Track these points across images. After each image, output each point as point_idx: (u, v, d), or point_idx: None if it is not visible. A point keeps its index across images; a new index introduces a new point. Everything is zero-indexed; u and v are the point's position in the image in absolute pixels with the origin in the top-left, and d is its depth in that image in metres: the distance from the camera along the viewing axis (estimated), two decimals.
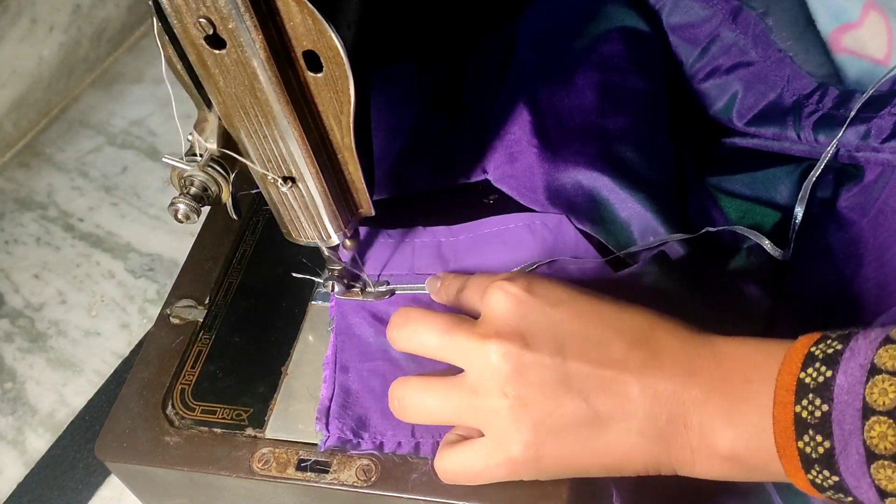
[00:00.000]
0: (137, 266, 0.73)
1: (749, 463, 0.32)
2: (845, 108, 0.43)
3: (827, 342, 0.31)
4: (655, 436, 0.33)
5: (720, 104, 0.49)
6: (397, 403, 0.37)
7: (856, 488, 0.29)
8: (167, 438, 0.42)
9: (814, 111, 0.44)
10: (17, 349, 0.68)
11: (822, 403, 0.30)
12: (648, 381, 0.33)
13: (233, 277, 0.49)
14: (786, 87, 0.46)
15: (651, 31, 0.50)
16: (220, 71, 0.32)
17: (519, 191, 0.46)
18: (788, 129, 0.45)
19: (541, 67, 0.50)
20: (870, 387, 0.29)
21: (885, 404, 0.28)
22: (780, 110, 0.46)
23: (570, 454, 0.34)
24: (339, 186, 0.38)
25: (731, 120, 0.48)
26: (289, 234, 0.41)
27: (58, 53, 0.87)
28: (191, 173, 0.36)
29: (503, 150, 0.47)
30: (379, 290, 0.45)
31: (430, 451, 0.39)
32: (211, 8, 0.29)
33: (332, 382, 0.41)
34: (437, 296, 0.43)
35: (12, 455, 0.61)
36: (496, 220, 0.46)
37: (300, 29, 0.31)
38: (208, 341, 0.46)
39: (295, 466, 0.40)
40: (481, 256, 0.45)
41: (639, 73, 0.48)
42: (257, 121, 0.34)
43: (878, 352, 0.30)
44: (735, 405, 0.32)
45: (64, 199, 0.80)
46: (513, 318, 0.34)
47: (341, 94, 0.33)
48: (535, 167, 0.45)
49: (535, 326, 0.34)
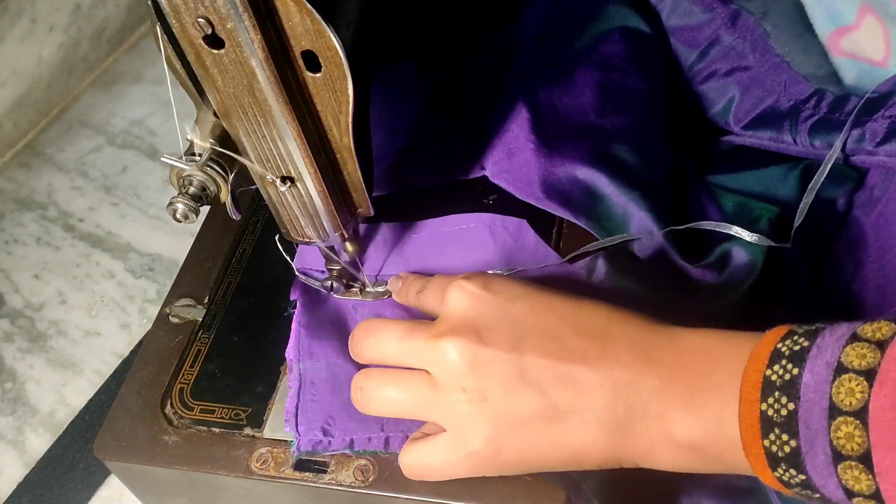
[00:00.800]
0: (137, 266, 0.73)
1: (709, 453, 0.32)
2: (840, 111, 0.43)
3: (794, 338, 0.31)
4: (614, 426, 0.33)
5: (718, 107, 0.49)
6: (360, 395, 0.38)
7: (823, 487, 0.29)
8: (166, 438, 0.42)
9: (810, 115, 0.45)
10: (17, 349, 0.68)
11: (788, 402, 0.30)
12: (605, 372, 0.33)
13: (232, 277, 0.49)
14: (783, 93, 0.46)
15: (652, 32, 0.50)
16: (218, 71, 0.32)
17: (515, 185, 0.46)
18: (785, 133, 0.46)
19: (541, 66, 0.50)
20: (836, 386, 0.29)
21: (852, 405, 0.28)
22: (777, 115, 0.46)
23: (530, 448, 0.34)
24: (337, 186, 0.38)
25: (728, 123, 0.48)
26: (288, 233, 0.41)
27: (58, 53, 0.87)
28: (189, 173, 0.36)
29: (501, 147, 0.47)
30: (377, 290, 0.45)
31: (398, 446, 0.39)
32: (209, 8, 0.29)
33: (298, 376, 0.42)
34: (398, 296, 0.43)
35: (12, 455, 0.62)
36: (456, 218, 0.46)
37: (299, 29, 0.31)
38: (207, 340, 0.46)
39: (293, 466, 0.40)
40: (443, 256, 0.45)
41: (638, 73, 0.48)
42: (256, 121, 0.34)
43: (845, 349, 0.29)
44: (696, 395, 0.32)
45: (64, 199, 0.80)
46: (469, 314, 0.35)
47: (340, 95, 0.33)
48: (532, 162, 0.45)
49: (491, 322, 0.34)
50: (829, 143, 0.43)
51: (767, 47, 0.46)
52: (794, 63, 0.46)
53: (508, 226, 0.45)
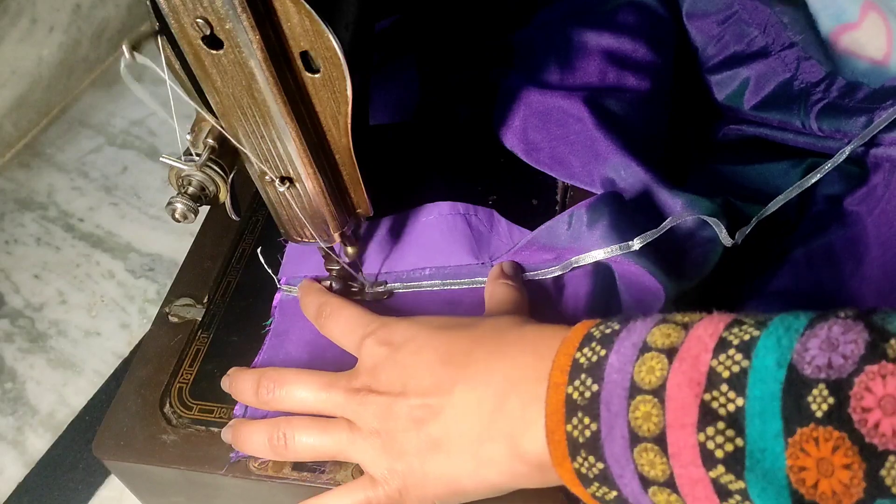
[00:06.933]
0: (137, 266, 0.73)
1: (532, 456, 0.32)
2: (851, 98, 0.43)
3: (608, 323, 0.31)
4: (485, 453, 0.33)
5: (730, 90, 0.49)
6: (282, 441, 0.38)
7: (620, 477, 0.29)
8: (164, 437, 0.42)
9: (820, 99, 0.45)
10: (18, 349, 0.68)
11: (592, 383, 0.29)
12: (460, 397, 0.34)
13: (231, 276, 0.49)
14: (794, 76, 0.46)
15: (667, 15, 0.51)
16: (217, 71, 0.32)
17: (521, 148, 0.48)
18: (794, 117, 0.46)
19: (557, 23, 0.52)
20: (639, 364, 0.28)
21: (651, 382, 0.27)
22: (788, 97, 0.46)
23: (433, 484, 0.35)
24: (337, 186, 0.38)
25: (741, 105, 0.49)
26: (287, 234, 0.41)
27: (58, 53, 0.87)
28: (188, 173, 0.36)
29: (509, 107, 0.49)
30: (377, 290, 0.45)
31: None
32: (208, 8, 0.29)
33: None
34: (301, 304, 0.45)
35: (12, 455, 0.62)
36: (432, 207, 0.47)
37: (297, 29, 0.31)
38: (206, 340, 0.46)
39: (291, 466, 0.40)
40: (424, 248, 0.46)
41: (650, 47, 0.49)
42: (255, 121, 0.34)
43: (652, 329, 0.29)
44: (530, 404, 0.32)
45: (64, 200, 0.80)
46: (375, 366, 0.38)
47: (339, 95, 0.33)
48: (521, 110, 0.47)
49: (389, 372, 0.37)
50: (836, 128, 0.43)
51: (783, 36, 0.47)
52: (808, 48, 0.46)
53: (481, 216, 0.46)
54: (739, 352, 0.26)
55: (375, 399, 0.36)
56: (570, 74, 0.49)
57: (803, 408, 0.24)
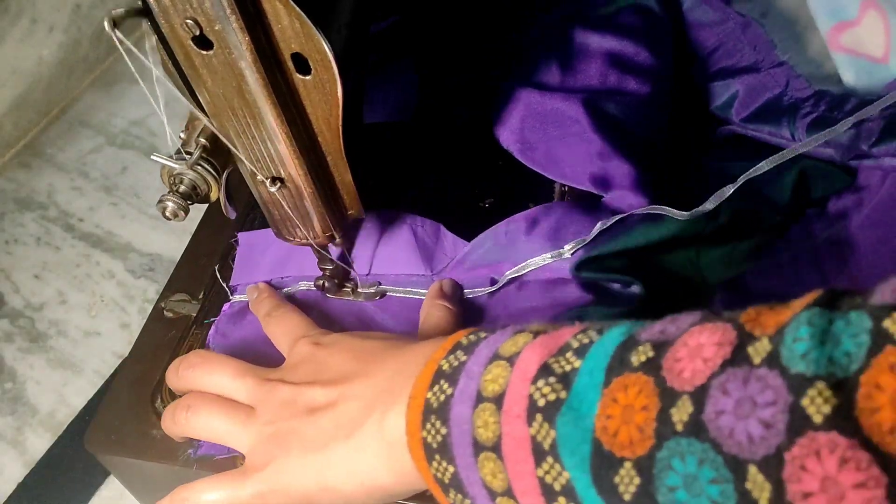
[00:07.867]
0: (137, 266, 0.73)
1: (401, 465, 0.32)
2: (839, 110, 0.44)
3: (478, 333, 0.31)
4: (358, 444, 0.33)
5: (720, 101, 0.50)
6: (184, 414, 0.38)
7: (470, 485, 0.29)
8: (155, 432, 0.42)
9: (808, 113, 0.45)
10: (17, 349, 0.68)
11: (448, 387, 0.29)
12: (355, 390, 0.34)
13: (226, 273, 0.49)
14: (784, 92, 0.47)
15: (667, 17, 0.51)
16: (208, 71, 0.32)
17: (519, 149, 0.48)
18: (783, 128, 0.46)
19: (556, 22, 0.52)
20: (486, 372, 0.28)
21: (493, 391, 0.28)
22: (777, 110, 0.47)
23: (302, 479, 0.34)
24: (328, 188, 0.38)
25: (730, 117, 0.49)
26: (279, 233, 0.41)
27: (58, 53, 0.87)
28: (180, 171, 0.36)
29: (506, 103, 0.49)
30: (369, 290, 0.45)
31: None
32: (198, 9, 0.29)
33: None
34: (251, 305, 0.45)
35: (12, 455, 0.62)
36: (386, 215, 0.47)
37: (288, 32, 0.31)
38: (200, 336, 0.46)
39: None
40: (378, 258, 0.46)
41: (650, 50, 0.49)
42: (245, 121, 0.34)
43: (509, 339, 0.29)
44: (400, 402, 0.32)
45: (64, 199, 0.80)
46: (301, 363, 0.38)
47: (330, 97, 0.33)
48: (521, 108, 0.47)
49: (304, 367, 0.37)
50: (823, 135, 0.43)
51: (773, 55, 0.48)
52: (797, 67, 0.47)
53: (427, 228, 0.46)
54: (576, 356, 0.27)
55: (283, 388, 0.36)
56: (570, 76, 0.49)
57: (625, 361, 0.26)
